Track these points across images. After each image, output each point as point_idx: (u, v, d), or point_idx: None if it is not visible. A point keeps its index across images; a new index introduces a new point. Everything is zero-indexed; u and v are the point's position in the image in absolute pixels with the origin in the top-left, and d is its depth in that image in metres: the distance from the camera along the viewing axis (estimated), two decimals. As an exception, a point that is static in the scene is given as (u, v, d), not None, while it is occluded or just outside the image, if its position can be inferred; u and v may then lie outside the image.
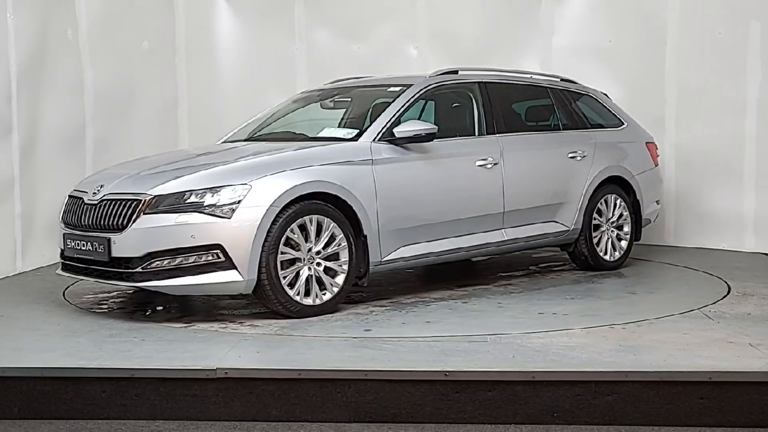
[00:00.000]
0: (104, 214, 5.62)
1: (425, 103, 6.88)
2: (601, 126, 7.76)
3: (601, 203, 7.38)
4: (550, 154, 7.15)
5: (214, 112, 9.56)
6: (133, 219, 5.45)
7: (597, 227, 7.39)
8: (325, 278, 5.70)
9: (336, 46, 9.55)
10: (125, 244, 5.46)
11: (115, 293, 6.63)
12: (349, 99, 7.05)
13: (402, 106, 6.40)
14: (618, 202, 7.51)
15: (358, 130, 6.24)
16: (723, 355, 4.61)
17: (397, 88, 6.64)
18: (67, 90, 8.27)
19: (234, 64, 9.70)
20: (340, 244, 5.75)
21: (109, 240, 5.52)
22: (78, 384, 4.41)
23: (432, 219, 6.30)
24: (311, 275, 5.64)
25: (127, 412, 4.37)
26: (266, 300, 5.56)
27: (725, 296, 6.33)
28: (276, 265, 5.46)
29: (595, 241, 7.36)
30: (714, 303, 6.07)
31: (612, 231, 7.49)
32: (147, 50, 9.19)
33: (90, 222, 5.70)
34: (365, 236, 5.88)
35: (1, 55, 7.36)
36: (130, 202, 5.53)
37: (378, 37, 9.52)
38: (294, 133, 6.86)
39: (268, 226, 5.43)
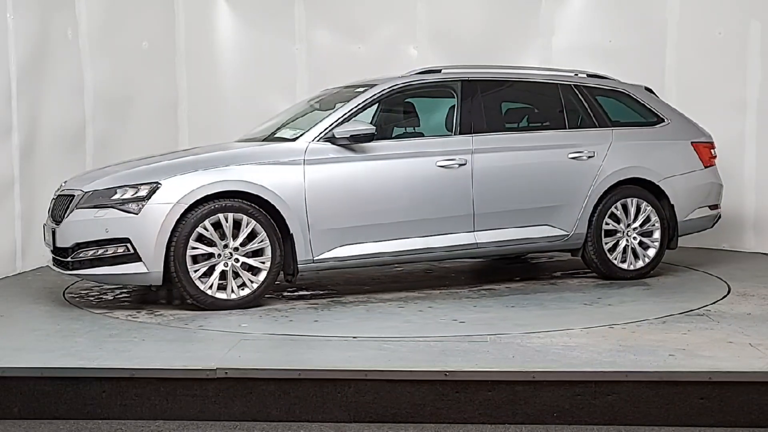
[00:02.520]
0: (57, 207, 6.16)
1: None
2: (630, 124, 7.24)
3: (616, 207, 6.89)
4: (542, 154, 6.78)
5: (214, 112, 9.56)
6: (68, 212, 5.95)
7: (611, 233, 6.91)
8: (243, 274, 5.93)
9: (336, 46, 9.55)
10: (62, 235, 5.96)
11: (114, 293, 6.63)
12: (333, 100, 7.02)
13: (355, 107, 6.42)
14: (643, 206, 6.97)
15: (304, 131, 6.33)
16: (723, 355, 4.61)
17: (362, 89, 6.66)
18: (67, 90, 8.28)
19: (234, 64, 9.70)
20: (261, 241, 5.93)
21: (54, 231, 6.04)
22: (78, 384, 4.41)
23: (378, 220, 6.27)
24: (226, 270, 5.88)
25: (127, 412, 4.37)
26: (180, 292, 5.93)
27: (725, 296, 6.33)
28: (185, 259, 5.76)
29: (607, 247, 6.89)
30: (714, 303, 6.07)
31: (633, 237, 6.96)
32: (147, 50, 9.20)
33: (51, 215, 6.24)
34: (292, 234, 6.02)
35: (1, 55, 7.37)
36: (70, 198, 6.04)
37: (378, 37, 9.53)
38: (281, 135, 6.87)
39: (174, 222, 5.76)
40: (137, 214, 5.76)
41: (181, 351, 4.83)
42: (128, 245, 5.75)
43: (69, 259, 5.90)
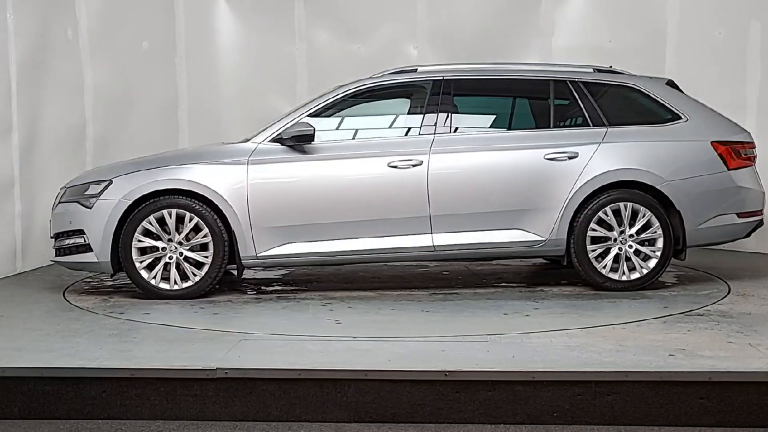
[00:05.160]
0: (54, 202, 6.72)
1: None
2: (634, 122, 6.66)
3: (605, 212, 6.41)
4: (513, 154, 6.44)
5: (214, 112, 9.57)
6: (55, 205, 6.58)
7: (602, 240, 6.44)
8: (187, 266, 6.30)
9: (336, 46, 9.56)
10: (52, 226, 6.60)
11: (114, 293, 6.64)
12: None
13: (315, 107, 6.56)
14: (641, 211, 6.40)
15: (260, 132, 6.57)
16: (723, 355, 4.61)
17: (331, 90, 6.75)
18: (67, 90, 8.28)
19: (234, 64, 9.71)
20: (204, 237, 6.27)
21: (50, 221, 6.66)
22: (78, 384, 4.41)
23: (325, 219, 6.32)
24: (170, 263, 6.29)
25: (127, 412, 4.37)
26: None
27: (725, 296, 6.33)
28: (130, 250, 6.24)
29: (594, 255, 6.42)
30: (714, 303, 6.07)
31: (629, 246, 6.42)
32: (147, 50, 9.20)
33: None
34: (233, 231, 6.29)
35: (1, 55, 7.37)
36: (59, 192, 6.65)
37: (378, 37, 9.53)
38: None
39: (119, 217, 6.24)
40: (90, 208, 6.30)
41: (181, 351, 4.83)
42: (84, 237, 6.32)
43: (53, 247, 6.56)
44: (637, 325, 5.39)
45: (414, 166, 6.38)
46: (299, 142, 6.36)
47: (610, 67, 7.08)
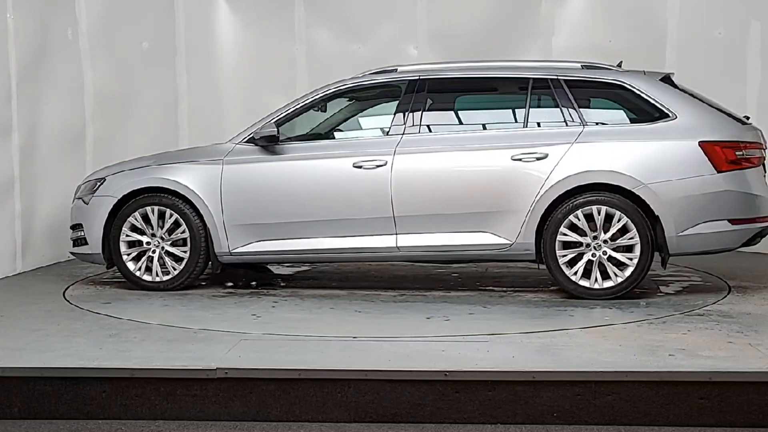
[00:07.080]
0: None
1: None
2: (615, 121, 6.40)
3: (576, 215, 6.10)
4: (479, 155, 6.28)
5: (214, 112, 9.56)
6: (73, 201, 7.04)
7: (571, 245, 6.14)
8: (168, 260, 6.62)
9: (336, 46, 9.55)
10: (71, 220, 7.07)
11: (114, 294, 6.64)
12: None
13: (294, 108, 6.71)
14: (616, 216, 6.05)
15: (240, 132, 6.79)
16: (723, 355, 4.61)
17: (312, 90, 6.88)
18: (67, 90, 8.28)
19: (234, 64, 9.70)
20: (183, 232, 6.57)
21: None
22: (78, 384, 4.41)
23: (294, 218, 6.44)
24: (152, 256, 6.63)
25: (127, 412, 4.37)
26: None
27: (725, 296, 6.33)
28: (118, 244, 6.63)
29: (564, 261, 6.13)
30: (714, 303, 6.07)
31: (602, 252, 6.08)
32: (147, 50, 9.19)
33: None
34: (208, 227, 6.55)
35: (1, 55, 7.37)
36: (77, 188, 7.11)
37: (378, 37, 9.52)
38: None
39: (108, 213, 6.65)
40: (87, 204, 6.77)
41: (181, 351, 4.84)
42: (83, 230, 6.79)
43: (69, 239, 7.02)
44: (638, 325, 5.39)
45: (378, 166, 6.36)
46: (269, 143, 6.51)
47: (620, 63, 6.97)
